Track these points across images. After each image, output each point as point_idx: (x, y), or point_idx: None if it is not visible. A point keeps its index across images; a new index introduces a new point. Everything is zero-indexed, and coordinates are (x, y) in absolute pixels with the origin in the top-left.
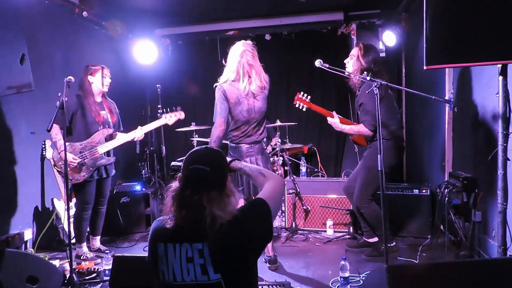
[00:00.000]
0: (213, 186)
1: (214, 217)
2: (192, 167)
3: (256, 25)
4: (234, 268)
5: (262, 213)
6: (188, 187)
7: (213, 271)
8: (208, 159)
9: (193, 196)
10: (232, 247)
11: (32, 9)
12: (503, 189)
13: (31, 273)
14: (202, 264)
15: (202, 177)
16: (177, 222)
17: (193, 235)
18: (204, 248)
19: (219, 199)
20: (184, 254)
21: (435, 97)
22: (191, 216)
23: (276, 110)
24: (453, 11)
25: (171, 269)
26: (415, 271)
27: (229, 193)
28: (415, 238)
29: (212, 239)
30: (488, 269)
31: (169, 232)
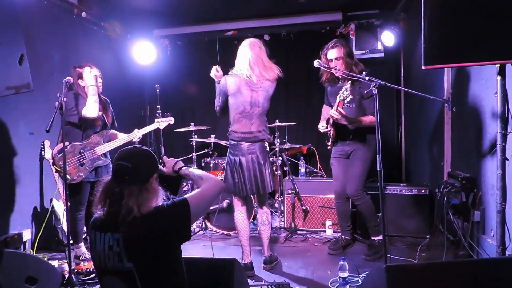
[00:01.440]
0: (133, 181)
1: (129, 209)
2: (117, 163)
3: (255, 25)
4: (145, 259)
5: (181, 213)
6: (113, 180)
7: (127, 260)
8: (132, 157)
9: (116, 188)
10: (143, 239)
11: (31, 9)
12: (502, 188)
13: (30, 274)
14: (118, 253)
15: (123, 172)
16: (104, 212)
17: (114, 226)
18: (120, 238)
19: (137, 194)
20: (107, 242)
21: (434, 97)
22: (112, 206)
23: (275, 110)
24: (451, 11)
25: (97, 255)
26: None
27: (150, 190)
28: (414, 238)
29: (125, 230)
30: (487, 269)
31: (98, 221)
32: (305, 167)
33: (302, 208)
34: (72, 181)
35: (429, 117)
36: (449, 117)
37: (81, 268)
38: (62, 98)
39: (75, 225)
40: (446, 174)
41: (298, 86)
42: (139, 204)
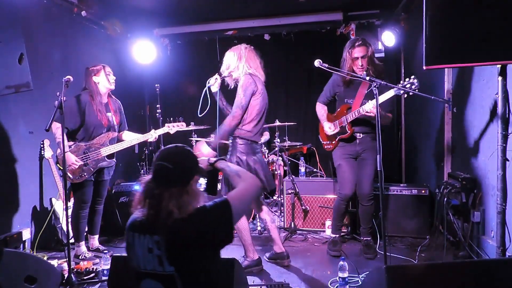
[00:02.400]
0: (174, 183)
1: (169, 212)
2: (158, 163)
3: (255, 25)
4: (188, 263)
5: (222, 214)
6: (153, 181)
7: (168, 264)
8: (174, 157)
9: (155, 190)
10: (185, 242)
11: (31, 8)
12: (502, 189)
13: (29, 273)
14: (159, 256)
15: (164, 173)
16: (143, 213)
17: (153, 228)
18: (161, 241)
19: (178, 196)
20: (146, 244)
21: (434, 97)
22: (152, 208)
23: (275, 110)
24: (452, 11)
25: (136, 257)
26: (414, 272)
27: (190, 192)
28: (414, 238)
29: (166, 233)
30: (487, 270)
31: (137, 223)
32: (305, 167)
33: (302, 208)
34: (75, 180)
35: (429, 117)
36: (449, 117)
37: (80, 267)
38: (62, 97)
39: (78, 223)
40: (446, 175)
41: (298, 85)
42: (179, 207)
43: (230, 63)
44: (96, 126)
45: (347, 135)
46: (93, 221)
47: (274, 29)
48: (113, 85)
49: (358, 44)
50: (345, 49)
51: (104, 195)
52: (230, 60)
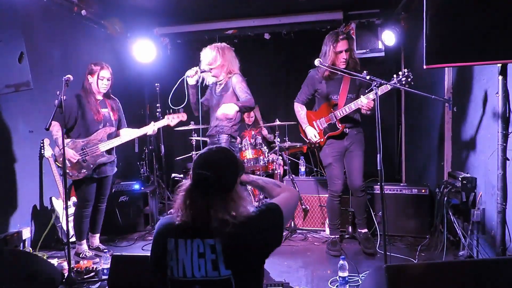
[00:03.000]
0: (217, 192)
1: (222, 221)
2: (198, 172)
3: (255, 24)
4: (244, 266)
5: (275, 218)
6: (195, 189)
7: (224, 267)
8: (214, 165)
9: (200, 199)
10: (244, 245)
11: (31, 7)
12: (502, 189)
13: (29, 272)
14: (214, 260)
15: (205, 183)
16: (187, 219)
17: (205, 231)
18: (217, 244)
19: (223, 204)
20: (195, 249)
21: (435, 96)
22: (199, 214)
23: (275, 109)
24: (453, 10)
25: (181, 265)
26: (414, 271)
27: (236, 198)
28: (414, 238)
29: (224, 236)
30: (487, 269)
31: (180, 228)
32: (305, 166)
33: (302, 207)
34: (75, 178)
35: (429, 116)
36: (449, 116)
37: (80, 266)
38: (62, 96)
39: (81, 222)
40: (446, 174)
41: (299, 85)
42: (230, 213)
43: (212, 59)
44: (91, 122)
45: (338, 132)
46: (95, 220)
47: (274, 28)
48: (103, 90)
49: (341, 38)
50: (327, 43)
51: (107, 194)
52: (212, 57)
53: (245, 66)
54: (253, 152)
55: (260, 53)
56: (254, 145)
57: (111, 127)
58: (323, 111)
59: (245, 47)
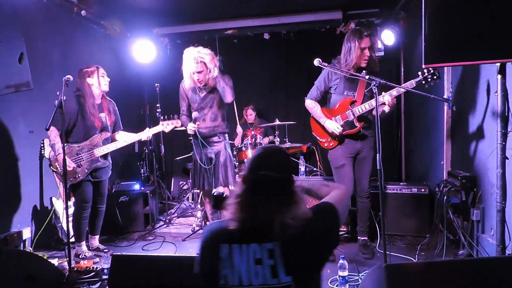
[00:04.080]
0: (282, 194)
1: (285, 224)
2: (262, 173)
3: (254, 24)
4: (306, 272)
5: (332, 218)
6: (256, 192)
7: (285, 273)
8: (278, 165)
9: (261, 203)
10: (306, 249)
11: (31, 8)
12: (502, 188)
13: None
14: (273, 266)
15: (271, 185)
16: (243, 224)
17: (263, 235)
18: (275, 248)
19: (288, 207)
20: (251, 255)
21: (434, 96)
22: (258, 220)
23: (275, 109)
24: (451, 9)
25: (237, 272)
26: (414, 270)
27: (297, 199)
28: (414, 237)
29: (285, 240)
30: (487, 268)
31: (234, 233)
32: (305, 166)
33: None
34: (71, 182)
35: (429, 116)
36: (449, 116)
37: (80, 266)
38: (62, 96)
39: (80, 223)
40: (446, 173)
41: (298, 85)
42: (294, 217)
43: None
44: (89, 128)
45: (355, 130)
46: (94, 222)
47: (274, 28)
48: (106, 87)
49: (366, 35)
50: (351, 40)
51: (105, 194)
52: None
53: (245, 66)
54: (253, 152)
55: (259, 53)
56: (255, 145)
57: (107, 133)
58: (339, 108)
59: (244, 47)
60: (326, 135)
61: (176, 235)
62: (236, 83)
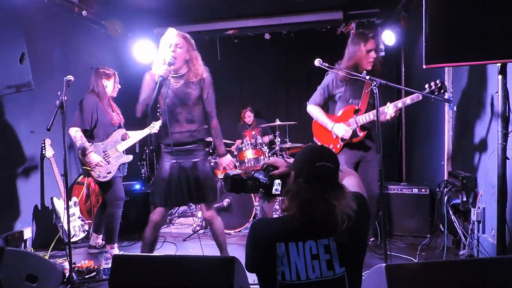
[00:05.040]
0: (337, 183)
1: (345, 214)
2: (320, 164)
3: (255, 24)
4: (357, 261)
5: (367, 207)
6: (315, 184)
7: (339, 266)
8: (331, 157)
9: (322, 194)
10: (357, 240)
11: (32, 8)
12: (502, 188)
13: (30, 272)
14: (329, 260)
15: (329, 175)
16: (299, 220)
17: (318, 231)
18: (331, 243)
19: (343, 196)
20: (308, 251)
21: (434, 96)
22: (318, 213)
23: (275, 110)
24: (452, 9)
25: (294, 268)
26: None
27: (345, 189)
28: (415, 237)
29: (340, 234)
30: (487, 269)
31: (289, 231)
32: None
33: None
34: (102, 179)
35: (429, 116)
36: (449, 116)
37: (81, 266)
38: (63, 96)
39: (117, 223)
40: (446, 174)
41: (299, 85)
42: (349, 206)
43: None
44: (107, 125)
45: (358, 139)
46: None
47: (274, 28)
48: (115, 94)
49: (371, 36)
50: (356, 42)
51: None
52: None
53: (246, 66)
54: (253, 152)
55: (260, 53)
56: (255, 145)
57: (123, 129)
58: (343, 115)
59: (245, 47)
60: (329, 141)
61: (177, 235)
62: (237, 83)
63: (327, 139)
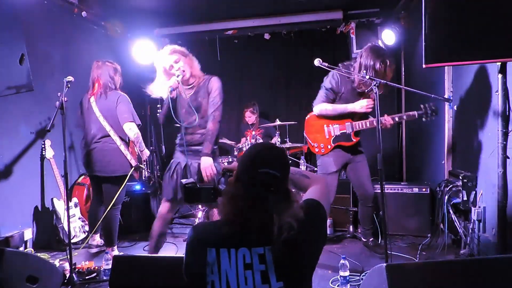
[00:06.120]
0: (281, 192)
1: (284, 224)
2: (262, 170)
3: (255, 24)
4: (298, 275)
5: (321, 216)
6: (254, 191)
7: (276, 279)
8: (278, 162)
9: (260, 202)
10: (298, 251)
11: (31, 9)
12: (503, 187)
13: (31, 273)
14: (264, 271)
15: (272, 183)
16: (234, 226)
17: (253, 239)
18: (267, 253)
19: (287, 205)
20: (241, 260)
21: (435, 95)
22: (255, 221)
23: (275, 110)
24: (452, 9)
25: (224, 278)
26: (415, 270)
27: (293, 198)
28: (415, 237)
29: (279, 244)
30: (488, 268)
31: (222, 236)
32: (306, 166)
33: None
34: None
35: None
36: (450, 115)
37: (82, 267)
38: (62, 97)
39: (115, 225)
40: (447, 173)
41: (299, 85)
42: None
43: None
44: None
45: (350, 144)
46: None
47: (274, 28)
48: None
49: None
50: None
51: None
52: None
53: (245, 66)
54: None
55: (260, 53)
56: None
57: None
58: (339, 117)
59: (245, 47)
60: (320, 140)
61: (177, 236)
62: (237, 84)
63: (317, 138)
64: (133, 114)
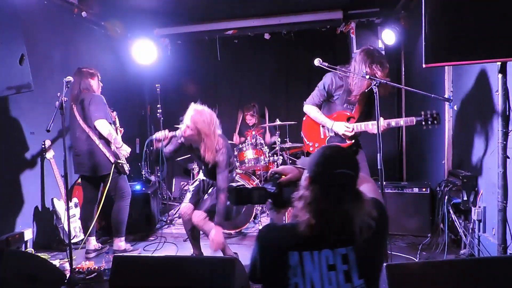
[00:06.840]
0: (355, 190)
1: (364, 223)
2: (338, 171)
3: (255, 24)
4: (377, 272)
5: (387, 214)
6: (332, 192)
7: (358, 277)
8: (351, 162)
9: (338, 202)
10: (376, 249)
11: (31, 9)
12: (503, 187)
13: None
14: (347, 271)
15: (348, 183)
16: (315, 228)
17: (335, 240)
18: (349, 253)
19: (361, 205)
20: (324, 261)
21: (435, 95)
22: (334, 223)
23: (275, 110)
24: (452, 9)
25: (309, 280)
26: (415, 270)
27: (364, 197)
28: (415, 236)
29: (361, 243)
30: (488, 268)
31: (302, 239)
32: None
33: None
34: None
35: None
36: (450, 115)
37: (82, 267)
38: (62, 97)
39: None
40: (447, 173)
41: (299, 84)
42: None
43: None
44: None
45: (345, 145)
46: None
47: (274, 28)
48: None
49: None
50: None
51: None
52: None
53: (245, 66)
54: (254, 152)
55: (260, 53)
56: (255, 145)
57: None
58: (335, 119)
59: (245, 47)
60: (315, 139)
61: (178, 236)
62: (237, 84)
63: (313, 137)
64: (105, 112)
